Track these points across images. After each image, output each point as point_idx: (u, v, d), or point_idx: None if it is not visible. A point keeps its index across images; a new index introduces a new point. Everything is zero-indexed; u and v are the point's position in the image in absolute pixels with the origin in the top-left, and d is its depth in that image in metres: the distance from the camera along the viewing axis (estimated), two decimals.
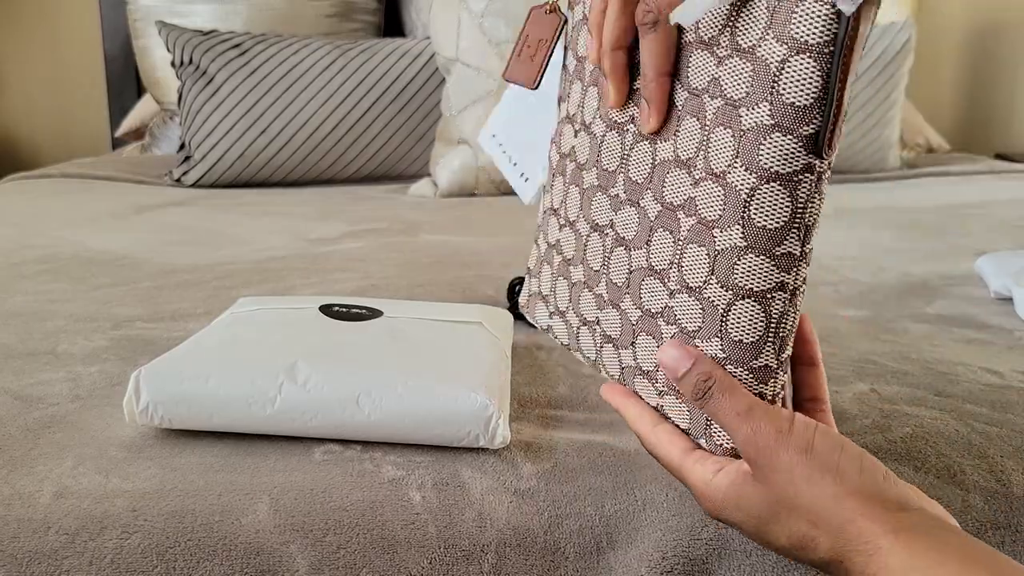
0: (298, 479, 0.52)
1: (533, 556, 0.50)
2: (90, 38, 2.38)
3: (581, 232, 0.51)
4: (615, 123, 0.48)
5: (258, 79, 1.64)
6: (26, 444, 0.56)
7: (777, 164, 0.39)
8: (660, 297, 0.45)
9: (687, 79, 0.42)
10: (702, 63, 0.41)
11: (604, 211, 0.49)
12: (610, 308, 0.49)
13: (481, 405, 0.54)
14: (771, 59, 0.38)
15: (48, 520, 0.48)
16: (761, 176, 0.39)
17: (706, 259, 0.42)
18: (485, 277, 0.97)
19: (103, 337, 0.77)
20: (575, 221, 0.52)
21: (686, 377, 0.43)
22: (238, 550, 0.48)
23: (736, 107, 0.40)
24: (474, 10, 1.56)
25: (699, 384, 0.42)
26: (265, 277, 0.98)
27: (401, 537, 0.49)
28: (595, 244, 0.50)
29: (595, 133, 0.50)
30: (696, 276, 0.43)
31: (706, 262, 0.42)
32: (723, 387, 0.42)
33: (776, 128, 0.38)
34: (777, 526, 0.41)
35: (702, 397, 0.42)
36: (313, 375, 0.56)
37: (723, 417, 0.42)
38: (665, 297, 0.45)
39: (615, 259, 0.48)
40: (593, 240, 0.50)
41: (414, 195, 1.60)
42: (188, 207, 1.45)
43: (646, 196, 0.46)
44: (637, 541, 0.51)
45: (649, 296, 0.46)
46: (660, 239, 0.45)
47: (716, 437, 0.44)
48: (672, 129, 0.44)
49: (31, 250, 1.12)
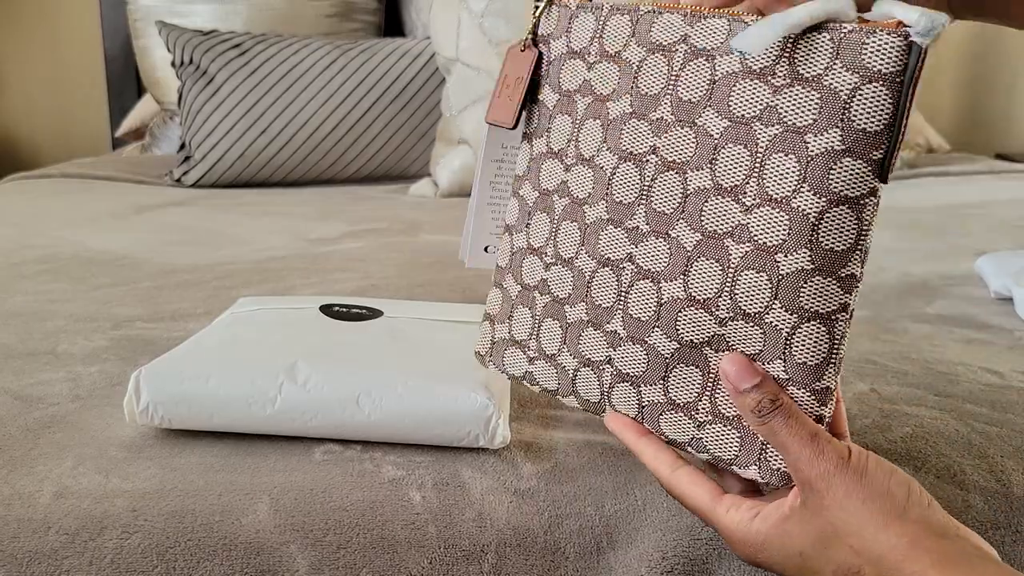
0: (298, 479, 0.52)
1: (533, 556, 0.50)
2: (90, 38, 2.38)
3: (583, 269, 0.49)
4: (631, 155, 0.47)
5: (258, 79, 1.64)
6: (26, 444, 0.56)
7: (847, 188, 0.41)
8: (706, 326, 0.44)
9: (728, 108, 0.43)
10: (751, 92, 0.42)
11: (618, 245, 0.47)
12: (629, 344, 0.47)
13: (481, 405, 0.54)
14: (841, 87, 0.40)
15: (48, 520, 0.48)
16: (831, 200, 0.41)
17: (767, 284, 0.42)
18: (485, 277, 0.97)
19: (103, 337, 0.77)
20: (572, 258, 0.49)
21: (749, 393, 0.42)
22: (238, 550, 0.48)
23: (801, 134, 0.41)
24: (474, 10, 1.56)
25: (764, 403, 0.42)
26: (265, 277, 0.98)
27: (401, 537, 0.49)
28: (606, 280, 0.48)
29: (600, 166, 0.48)
30: (755, 302, 0.43)
31: (768, 287, 0.42)
32: (788, 411, 0.42)
33: (847, 153, 0.40)
34: (822, 558, 0.41)
35: (764, 415, 0.42)
36: (313, 375, 0.56)
37: (784, 440, 0.41)
38: (713, 326, 0.44)
39: (637, 293, 0.46)
40: (603, 276, 0.48)
41: (414, 195, 1.60)
42: (188, 207, 1.45)
43: (678, 226, 0.45)
44: (637, 541, 0.51)
45: (690, 327, 0.45)
46: (703, 268, 0.44)
47: (772, 462, 0.44)
48: (706, 157, 0.44)
49: (31, 250, 1.12)
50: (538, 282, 0.51)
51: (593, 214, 0.48)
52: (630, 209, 0.47)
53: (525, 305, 0.52)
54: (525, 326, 0.52)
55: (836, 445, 0.41)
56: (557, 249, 0.50)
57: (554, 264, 0.50)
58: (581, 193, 0.49)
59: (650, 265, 0.46)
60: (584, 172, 0.49)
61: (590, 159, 0.49)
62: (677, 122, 0.45)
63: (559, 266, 0.50)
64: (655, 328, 0.46)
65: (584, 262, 0.49)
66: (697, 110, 0.44)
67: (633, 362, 0.47)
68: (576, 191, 0.49)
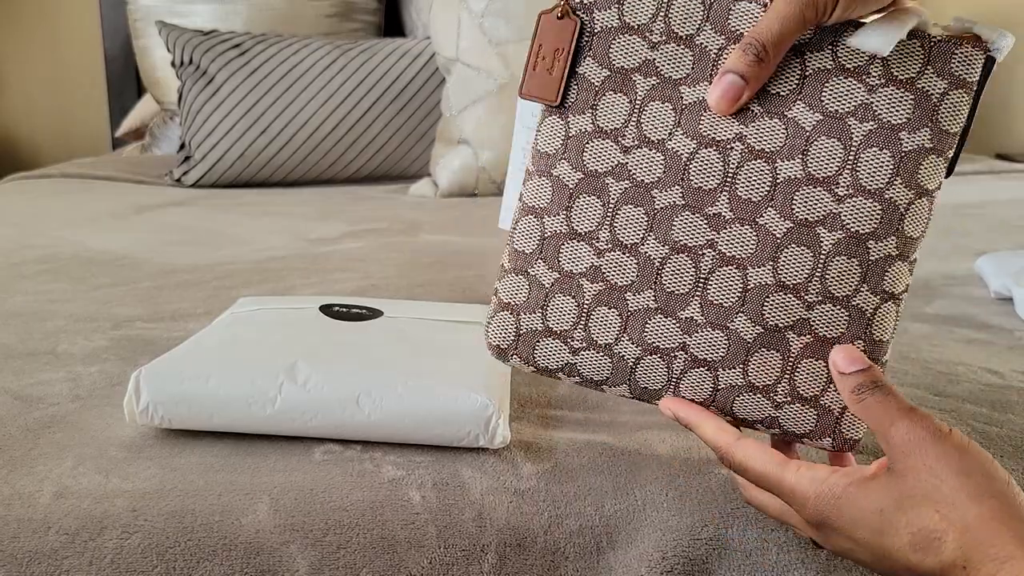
0: (298, 479, 0.52)
1: (533, 556, 0.50)
2: (90, 38, 2.38)
3: (651, 255, 0.48)
4: (714, 141, 0.47)
5: (258, 79, 1.64)
6: (26, 444, 0.56)
7: (929, 182, 0.46)
8: (793, 310, 0.47)
9: (820, 102, 0.46)
10: (846, 89, 0.45)
11: (697, 231, 0.47)
12: (708, 330, 0.48)
13: (481, 405, 0.54)
14: (933, 91, 0.45)
15: (48, 520, 0.48)
16: (918, 192, 0.45)
17: (858, 269, 0.46)
18: (485, 277, 0.97)
19: (103, 337, 0.77)
20: (637, 244, 0.48)
21: (851, 376, 0.44)
22: (238, 550, 0.48)
23: (896, 131, 0.45)
24: (474, 10, 1.56)
25: (864, 383, 0.44)
26: (265, 277, 0.98)
27: (401, 537, 0.49)
28: (681, 266, 0.47)
29: (674, 151, 0.47)
30: (844, 286, 0.46)
31: (858, 272, 0.46)
32: (887, 389, 0.43)
33: (933, 151, 0.45)
34: (902, 519, 0.40)
35: (862, 392, 0.44)
36: (313, 375, 0.56)
37: (878, 413, 0.43)
38: (800, 310, 0.47)
39: (719, 279, 0.47)
40: (677, 262, 0.48)
41: (414, 195, 1.60)
42: (188, 207, 1.45)
43: (767, 214, 0.46)
44: (637, 541, 0.51)
45: (776, 311, 0.47)
46: (793, 255, 0.46)
47: (847, 432, 0.48)
48: (798, 148, 0.46)
49: (31, 250, 1.12)
50: (587, 269, 0.49)
51: (664, 199, 0.48)
52: (712, 195, 0.47)
53: (567, 293, 0.49)
54: (567, 315, 0.50)
55: (933, 420, 0.42)
56: (615, 235, 0.48)
57: (611, 250, 0.49)
58: (648, 177, 0.48)
59: (734, 251, 0.47)
60: (651, 155, 0.48)
61: (659, 143, 0.48)
62: (765, 113, 0.46)
63: (617, 252, 0.48)
64: (739, 314, 0.47)
65: (653, 248, 0.48)
66: (787, 103, 0.46)
67: (712, 347, 0.48)
68: (641, 175, 0.48)
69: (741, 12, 0.46)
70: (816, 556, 0.51)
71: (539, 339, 0.50)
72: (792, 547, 0.51)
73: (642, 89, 0.48)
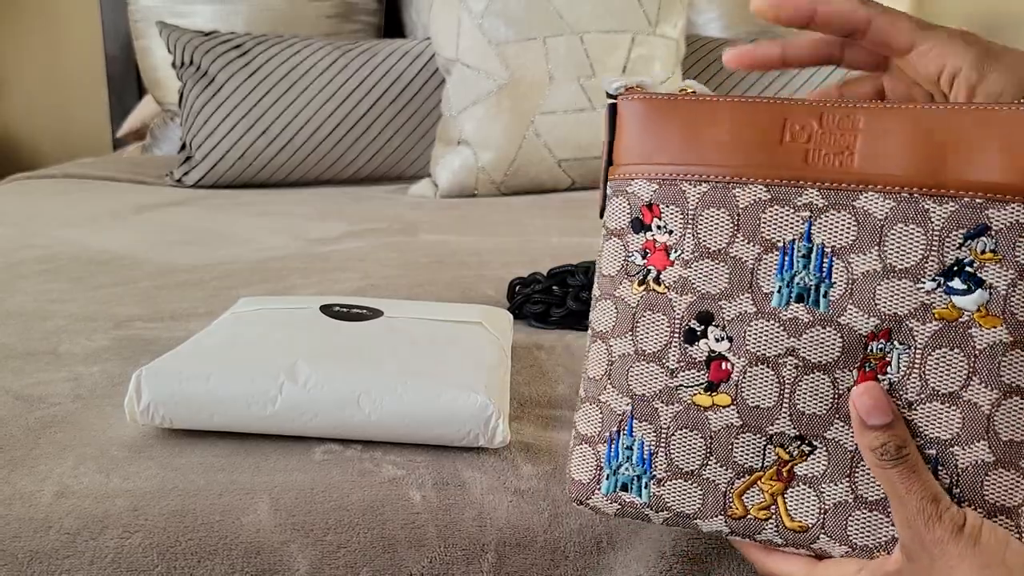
0: (298, 479, 0.52)
1: (533, 556, 0.50)
2: (91, 38, 2.38)
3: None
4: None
5: (258, 80, 1.64)
6: (27, 444, 0.57)
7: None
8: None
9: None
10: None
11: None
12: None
13: (481, 405, 0.54)
14: None
15: (49, 520, 0.49)
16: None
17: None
18: (485, 277, 0.98)
19: (104, 337, 0.77)
20: None
21: (877, 431, 0.40)
22: (238, 549, 0.48)
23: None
24: (474, 10, 1.56)
25: (889, 447, 0.40)
26: (265, 277, 0.99)
27: (401, 537, 0.49)
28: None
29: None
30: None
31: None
32: (915, 465, 0.40)
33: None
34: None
35: (890, 459, 0.40)
36: (313, 375, 0.56)
37: (902, 493, 0.40)
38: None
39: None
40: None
41: (414, 195, 1.60)
42: (188, 207, 1.45)
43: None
44: (636, 541, 0.51)
45: None
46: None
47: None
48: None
49: (31, 250, 1.12)
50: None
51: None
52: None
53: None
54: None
55: (953, 512, 0.39)
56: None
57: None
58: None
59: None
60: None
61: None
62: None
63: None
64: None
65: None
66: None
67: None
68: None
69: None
70: None
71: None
72: None
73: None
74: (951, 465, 0.41)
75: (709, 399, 0.44)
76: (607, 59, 1.55)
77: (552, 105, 1.54)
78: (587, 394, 0.47)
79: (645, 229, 0.46)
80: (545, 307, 0.80)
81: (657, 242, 0.45)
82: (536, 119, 1.54)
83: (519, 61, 1.54)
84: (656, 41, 1.60)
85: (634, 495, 0.45)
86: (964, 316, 0.41)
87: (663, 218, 0.45)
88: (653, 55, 1.59)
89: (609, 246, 0.47)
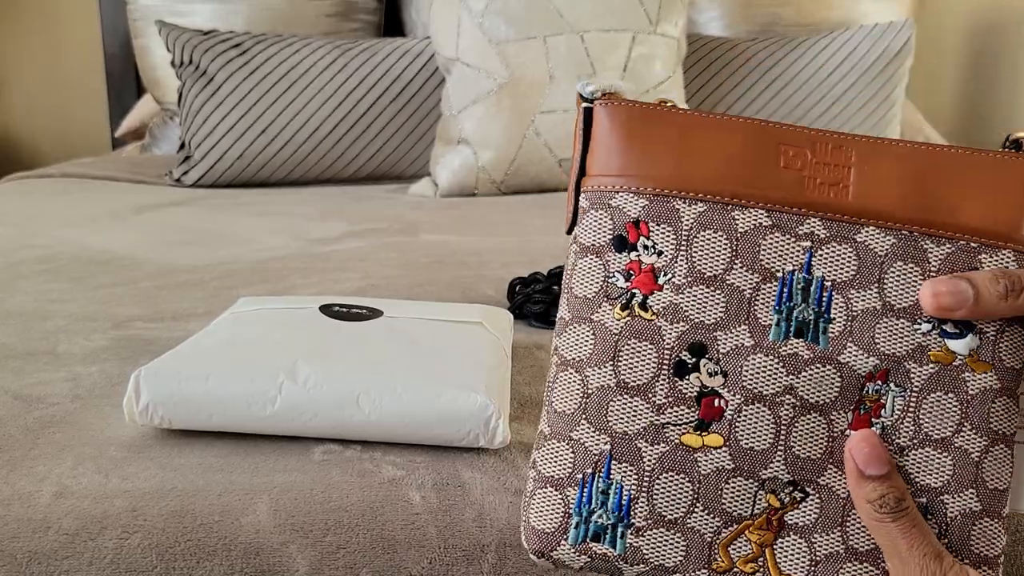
0: (298, 479, 0.52)
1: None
2: (90, 38, 2.38)
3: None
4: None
5: (258, 79, 1.64)
6: (26, 444, 0.56)
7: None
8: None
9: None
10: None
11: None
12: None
13: (481, 405, 0.54)
14: None
15: (48, 520, 0.48)
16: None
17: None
18: (485, 277, 0.97)
19: (103, 337, 0.77)
20: None
21: (875, 483, 0.39)
22: (238, 550, 0.48)
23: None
24: (474, 10, 1.56)
25: (888, 499, 0.38)
26: (265, 277, 0.98)
27: (401, 537, 0.49)
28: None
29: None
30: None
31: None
32: (917, 518, 0.38)
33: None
34: None
35: (889, 512, 0.38)
36: (313, 375, 0.56)
37: (903, 549, 0.38)
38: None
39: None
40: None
41: (414, 195, 1.60)
42: (188, 207, 1.45)
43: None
44: None
45: None
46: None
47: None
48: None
49: (31, 250, 1.12)
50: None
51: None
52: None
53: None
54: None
55: (957, 570, 0.38)
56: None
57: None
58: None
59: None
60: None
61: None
62: None
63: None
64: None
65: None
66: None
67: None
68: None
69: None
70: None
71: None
72: None
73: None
74: (941, 514, 0.40)
75: (699, 439, 0.41)
76: (607, 58, 1.55)
77: (552, 104, 1.54)
78: (553, 430, 0.42)
79: (629, 248, 0.42)
80: (545, 307, 0.80)
81: (643, 263, 0.42)
82: (536, 118, 1.54)
83: (519, 60, 1.54)
84: (657, 40, 1.59)
85: (607, 546, 0.41)
86: (957, 360, 0.40)
87: (651, 237, 0.42)
88: (654, 54, 1.59)
89: (584, 264, 0.43)
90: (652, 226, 0.42)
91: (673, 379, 0.41)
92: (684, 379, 0.41)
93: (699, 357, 0.41)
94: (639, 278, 0.42)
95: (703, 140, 0.42)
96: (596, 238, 0.43)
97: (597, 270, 0.42)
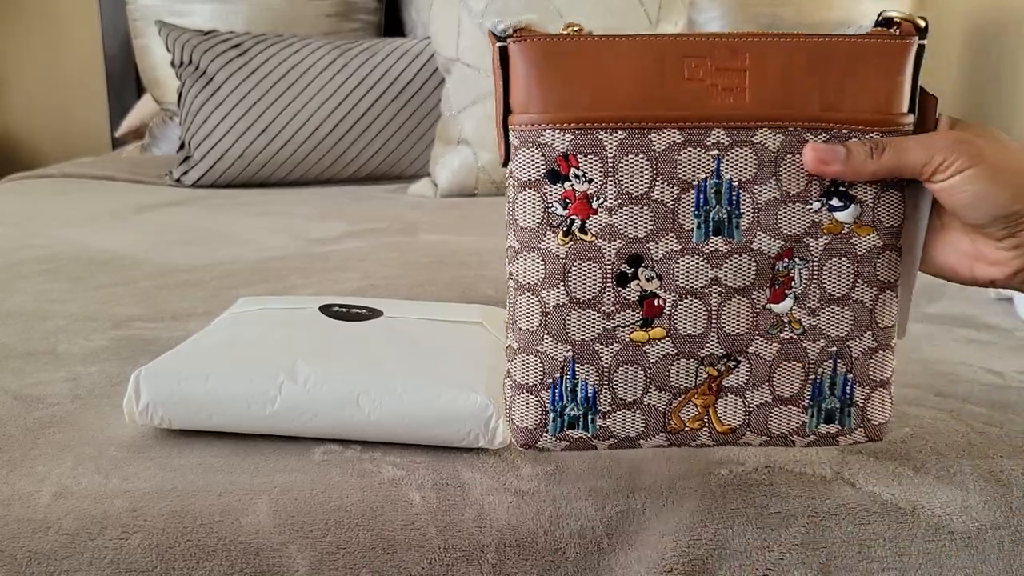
0: (298, 479, 0.52)
1: (533, 556, 0.50)
2: (90, 38, 2.38)
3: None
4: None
5: (258, 79, 1.64)
6: (26, 444, 0.56)
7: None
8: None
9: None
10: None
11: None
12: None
13: (481, 405, 0.54)
14: None
15: (48, 520, 0.48)
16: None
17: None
18: (485, 277, 0.97)
19: (103, 337, 0.77)
20: None
21: (850, 155, 0.45)
22: (238, 550, 0.48)
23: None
24: (474, 10, 1.56)
25: (869, 147, 0.45)
26: (265, 277, 0.98)
27: (401, 537, 0.49)
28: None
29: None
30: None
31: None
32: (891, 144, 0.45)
33: None
34: None
35: (882, 152, 0.45)
36: (313, 375, 0.56)
37: (915, 149, 0.45)
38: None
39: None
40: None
41: (414, 195, 1.60)
42: (188, 207, 1.45)
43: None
44: (637, 542, 0.51)
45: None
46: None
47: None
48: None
49: (31, 250, 1.12)
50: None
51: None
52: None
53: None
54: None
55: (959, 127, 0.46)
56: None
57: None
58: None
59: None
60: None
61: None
62: None
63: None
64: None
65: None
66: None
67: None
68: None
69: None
70: (816, 557, 0.51)
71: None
72: (792, 547, 0.51)
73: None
74: (847, 357, 0.48)
75: (645, 334, 0.47)
76: None
77: None
78: (521, 345, 0.48)
79: (562, 180, 0.46)
80: None
81: (577, 191, 0.46)
82: None
83: None
84: None
85: (581, 431, 0.48)
86: (845, 228, 0.47)
87: (581, 167, 0.46)
88: None
89: (524, 198, 0.47)
90: (580, 157, 0.46)
91: (617, 289, 0.47)
92: (626, 287, 0.47)
93: (636, 267, 0.47)
94: (575, 205, 0.46)
95: (615, 65, 0.46)
96: (531, 173, 0.47)
97: (536, 202, 0.47)
